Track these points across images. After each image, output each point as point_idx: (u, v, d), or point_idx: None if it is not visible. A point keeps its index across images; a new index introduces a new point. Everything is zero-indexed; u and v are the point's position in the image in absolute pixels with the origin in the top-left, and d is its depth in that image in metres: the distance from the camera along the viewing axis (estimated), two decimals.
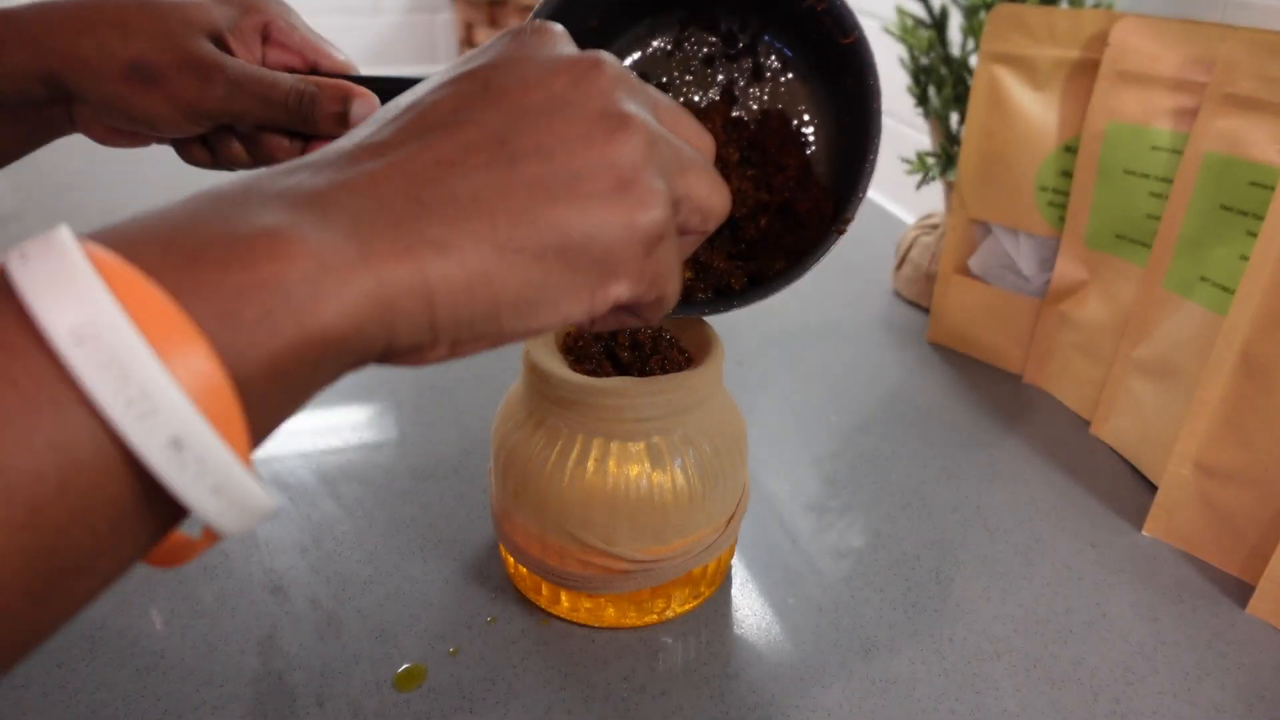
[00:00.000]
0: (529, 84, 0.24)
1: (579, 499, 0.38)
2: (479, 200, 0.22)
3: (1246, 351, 0.46)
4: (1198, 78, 0.50)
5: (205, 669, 0.40)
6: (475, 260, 0.21)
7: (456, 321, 0.22)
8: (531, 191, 0.22)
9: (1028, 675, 0.41)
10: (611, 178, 0.23)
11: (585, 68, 0.25)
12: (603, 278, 0.24)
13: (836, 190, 0.42)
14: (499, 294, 0.22)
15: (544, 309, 0.23)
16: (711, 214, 0.28)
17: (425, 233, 0.21)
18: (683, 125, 0.28)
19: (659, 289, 0.26)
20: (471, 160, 0.22)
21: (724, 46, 0.44)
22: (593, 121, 0.24)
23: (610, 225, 0.23)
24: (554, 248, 0.23)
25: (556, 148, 0.23)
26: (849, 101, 0.41)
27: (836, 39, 0.39)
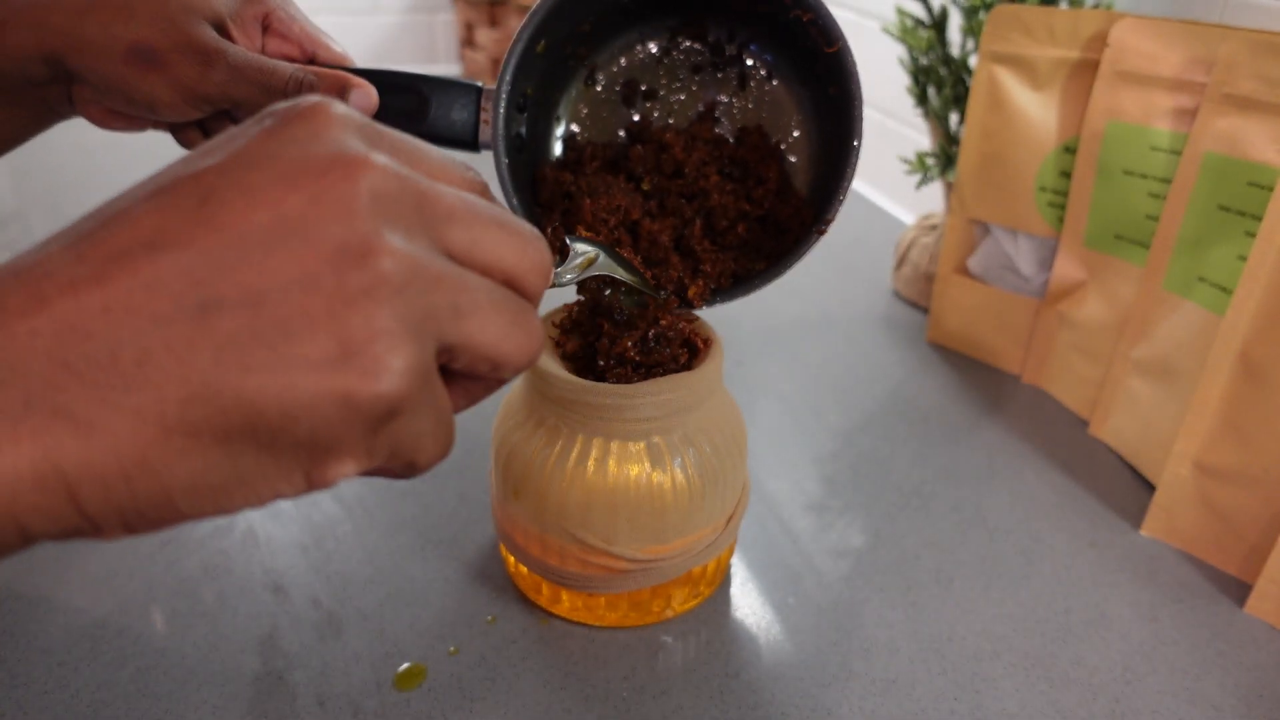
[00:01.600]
0: (256, 198, 0.19)
1: (579, 499, 0.38)
2: (147, 365, 0.18)
3: (1245, 351, 0.46)
4: (1197, 78, 0.50)
5: (206, 668, 0.40)
6: (131, 445, 0.17)
7: (117, 510, 0.18)
8: (219, 356, 0.18)
9: (1027, 675, 0.41)
10: (334, 338, 0.18)
11: (335, 178, 0.19)
12: (316, 459, 0.19)
13: (819, 192, 0.43)
14: (167, 482, 0.18)
15: (239, 492, 0.19)
16: (504, 364, 0.22)
17: (65, 408, 0.17)
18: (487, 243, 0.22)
19: (403, 459, 0.21)
20: (151, 307, 0.18)
21: (712, 55, 0.45)
22: (324, 258, 0.19)
23: (321, 402, 0.18)
24: (240, 428, 0.18)
25: (267, 294, 0.18)
26: (833, 109, 0.42)
27: (822, 48, 0.40)
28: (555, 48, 0.42)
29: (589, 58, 0.45)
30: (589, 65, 0.45)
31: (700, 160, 0.44)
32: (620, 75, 0.46)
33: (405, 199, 0.20)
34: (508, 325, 0.22)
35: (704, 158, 0.44)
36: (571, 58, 0.44)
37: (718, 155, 0.44)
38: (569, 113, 0.46)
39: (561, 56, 0.43)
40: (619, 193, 0.42)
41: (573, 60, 0.45)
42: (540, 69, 0.42)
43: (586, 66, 0.45)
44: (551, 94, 0.45)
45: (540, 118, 0.45)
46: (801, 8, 0.39)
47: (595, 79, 0.45)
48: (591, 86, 0.46)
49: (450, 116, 0.42)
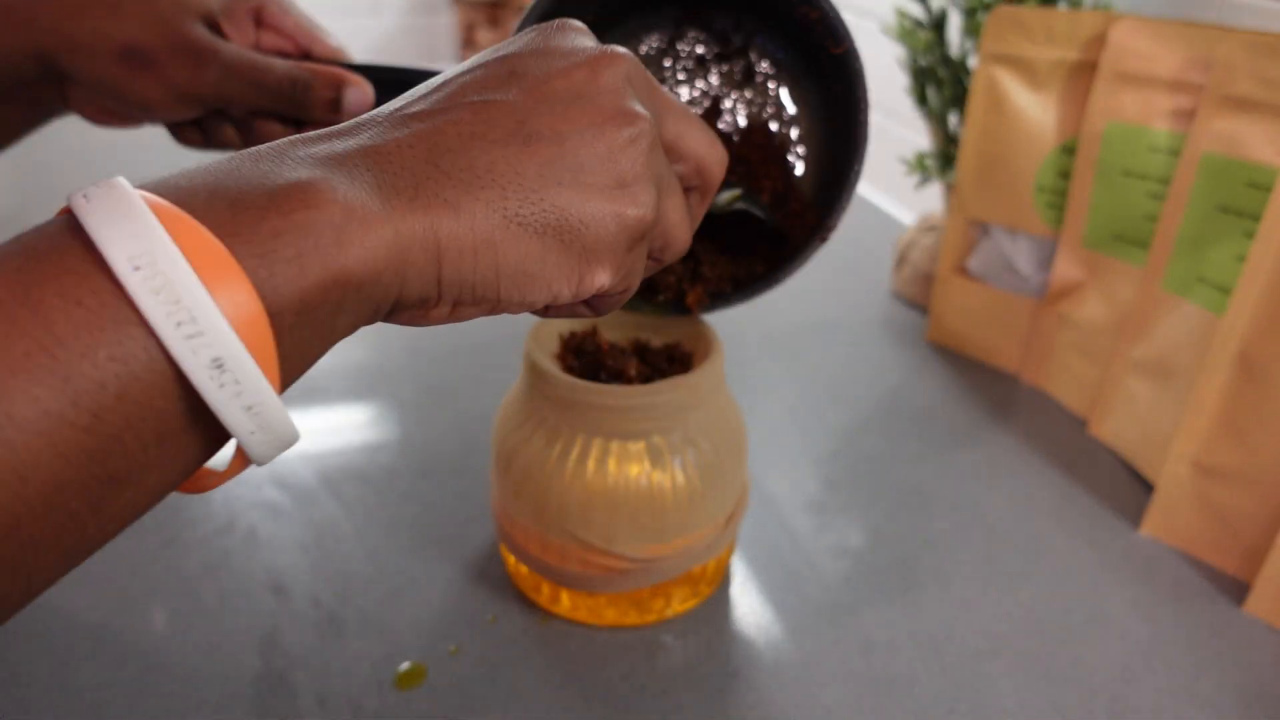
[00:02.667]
0: (551, 73, 0.25)
1: (579, 498, 0.39)
2: (493, 172, 0.24)
3: (1244, 352, 0.46)
4: (1196, 79, 0.50)
5: (207, 668, 0.40)
6: (484, 226, 0.23)
7: (460, 281, 0.24)
8: (541, 171, 0.24)
9: (1027, 674, 0.41)
10: (612, 173, 0.25)
11: (605, 63, 0.26)
12: (589, 263, 0.25)
13: (821, 196, 0.43)
14: (500, 261, 0.24)
15: (538, 283, 0.25)
16: (671, 245, 0.29)
17: (441, 194, 0.23)
18: (689, 135, 0.29)
19: (627, 283, 0.27)
20: (491, 135, 0.24)
21: (717, 47, 0.44)
22: (606, 117, 0.25)
23: (605, 216, 0.25)
24: (554, 227, 0.24)
25: (569, 135, 0.25)
26: (837, 108, 0.41)
27: (828, 48, 0.39)
28: None
29: None
30: None
31: None
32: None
33: (646, 88, 0.27)
34: (684, 213, 0.29)
35: None
36: None
37: None
38: None
39: None
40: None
41: None
42: None
43: None
44: None
45: None
46: (809, 5, 0.39)
47: None
48: None
49: None
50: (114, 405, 0.18)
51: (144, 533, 0.47)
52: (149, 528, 0.48)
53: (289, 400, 0.60)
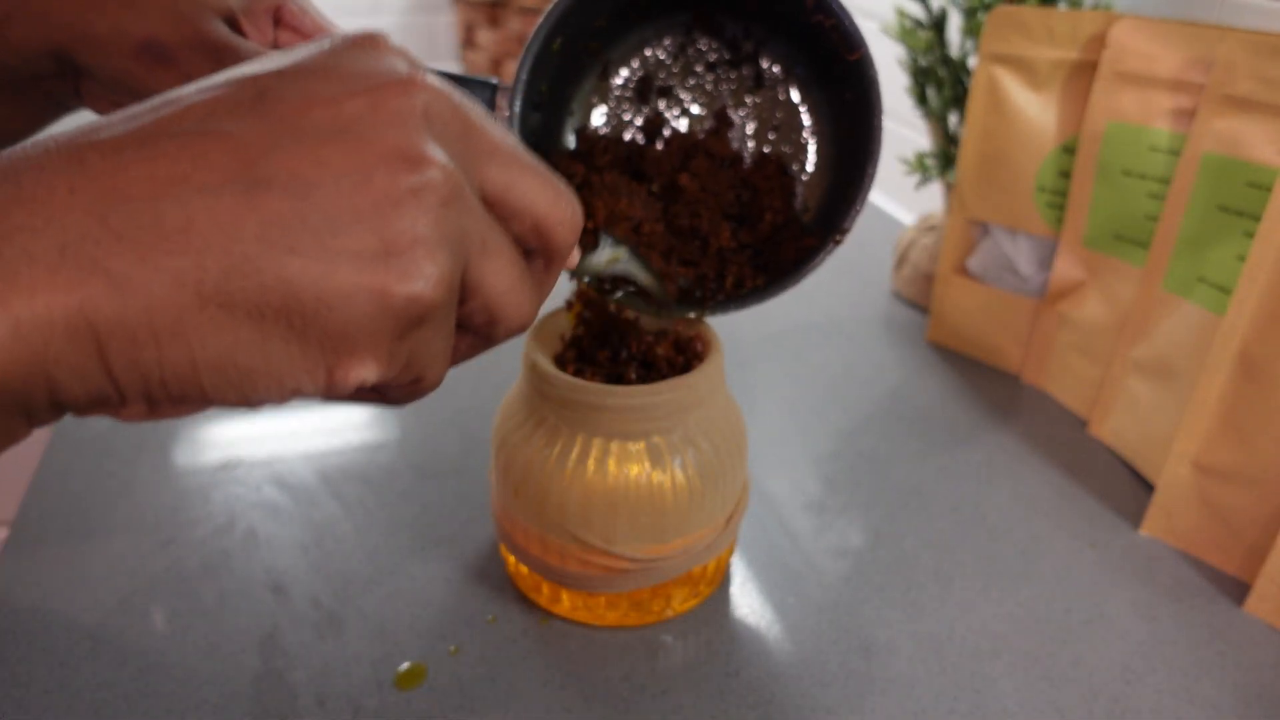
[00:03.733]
0: (313, 99, 0.19)
1: (579, 498, 0.39)
2: (190, 232, 0.17)
3: (1244, 351, 0.46)
4: (1196, 78, 0.50)
5: (206, 668, 0.40)
6: (165, 307, 0.17)
7: (143, 376, 0.18)
8: (264, 233, 0.18)
9: (1027, 674, 0.41)
10: (378, 234, 0.19)
11: (396, 91, 0.20)
12: (341, 355, 0.19)
13: (834, 200, 0.43)
14: (196, 353, 0.18)
15: (262, 379, 0.19)
16: (501, 321, 0.23)
17: (102, 263, 0.17)
18: (523, 187, 0.22)
19: (414, 373, 0.21)
20: (199, 178, 0.18)
21: (728, 52, 0.44)
22: (379, 158, 0.19)
23: (357, 295, 0.19)
24: (276, 309, 0.18)
25: (318, 183, 0.18)
26: (849, 113, 0.41)
27: (842, 54, 0.39)
28: (570, 44, 0.42)
29: (603, 53, 0.45)
30: (603, 60, 0.45)
31: (707, 197, 0.43)
32: (635, 71, 0.45)
33: (455, 124, 0.21)
34: (518, 280, 0.22)
35: (712, 189, 0.43)
36: (585, 53, 0.44)
37: (731, 176, 0.44)
38: (582, 107, 0.45)
39: (575, 52, 0.43)
40: (636, 202, 0.42)
41: (586, 55, 0.44)
42: (555, 66, 0.42)
43: (600, 62, 0.45)
44: (565, 89, 0.45)
45: (554, 113, 0.44)
46: (823, 12, 0.39)
47: (609, 75, 0.45)
48: (605, 82, 0.45)
49: None
50: None
51: (143, 533, 0.47)
52: (148, 528, 0.48)
53: None
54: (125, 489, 0.51)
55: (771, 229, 0.43)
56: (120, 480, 0.51)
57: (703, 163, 0.44)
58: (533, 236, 0.23)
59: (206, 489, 0.51)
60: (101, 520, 0.48)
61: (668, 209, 0.43)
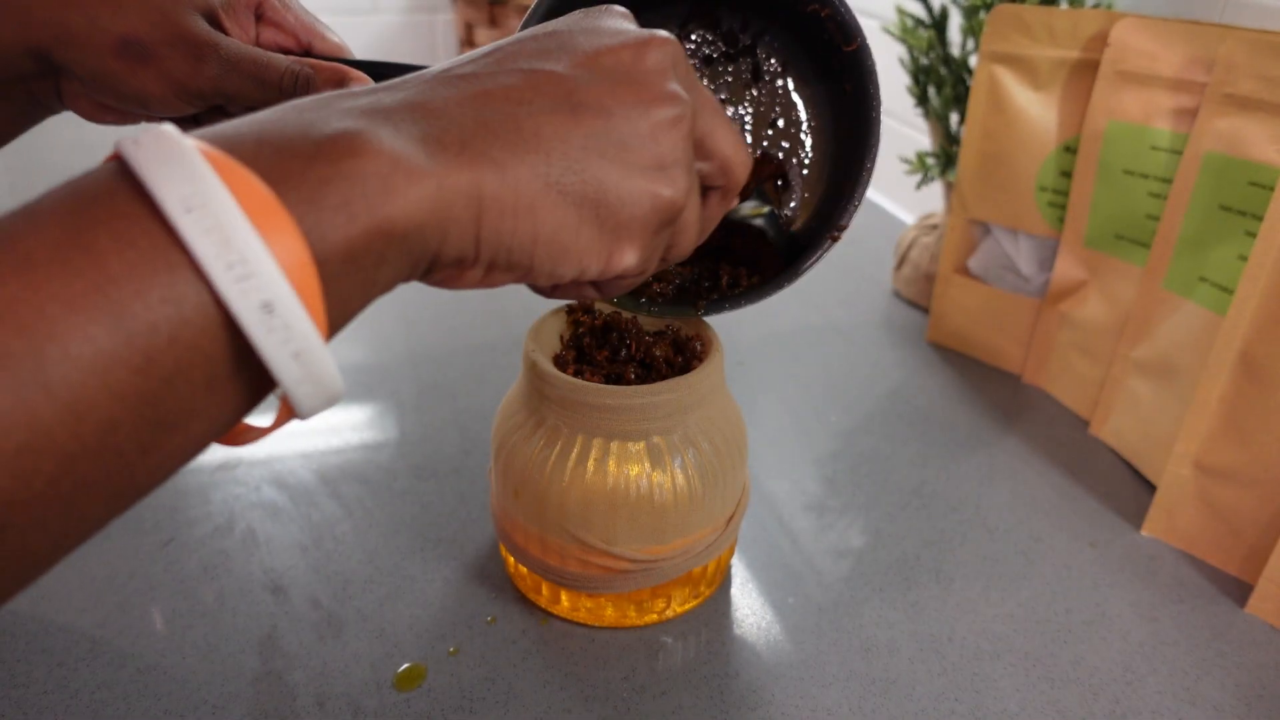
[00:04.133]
0: (600, 49, 0.26)
1: (579, 499, 0.38)
2: (540, 137, 0.24)
3: (1246, 351, 0.46)
4: (1197, 78, 0.50)
5: (206, 669, 0.40)
6: (527, 189, 0.24)
7: (498, 242, 0.24)
8: (586, 142, 0.25)
9: (1027, 675, 0.41)
10: (653, 154, 0.26)
11: (653, 45, 0.26)
12: (620, 241, 0.26)
13: (833, 195, 0.42)
14: (539, 227, 0.24)
15: (570, 255, 0.25)
16: (677, 245, 0.30)
17: (488, 152, 0.23)
18: (719, 134, 0.29)
19: (644, 266, 0.28)
20: (540, 100, 0.24)
21: (725, 45, 0.44)
22: (651, 97, 0.26)
23: (642, 195, 0.25)
24: (592, 200, 0.25)
25: (615, 110, 0.25)
26: (848, 106, 0.41)
27: (839, 45, 0.39)
28: None
29: None
30: None
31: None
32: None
33: (688, 77, 0.28)
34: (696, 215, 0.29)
35: None
36: None
37: None
38: None
39: None
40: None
41: None
42: None
43: None
44: None
45: None
46: (819, 2, 0.38)
47: None
48: None
49: None
50: (165, 347, 0.18)
51: (143, 533, 0.47)
52: (148, 528, 0.48)
53: None
54: None
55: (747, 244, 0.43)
56: None
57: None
58: (719, 175, 0.30)
59: (206, 489, 0.51)
60: None
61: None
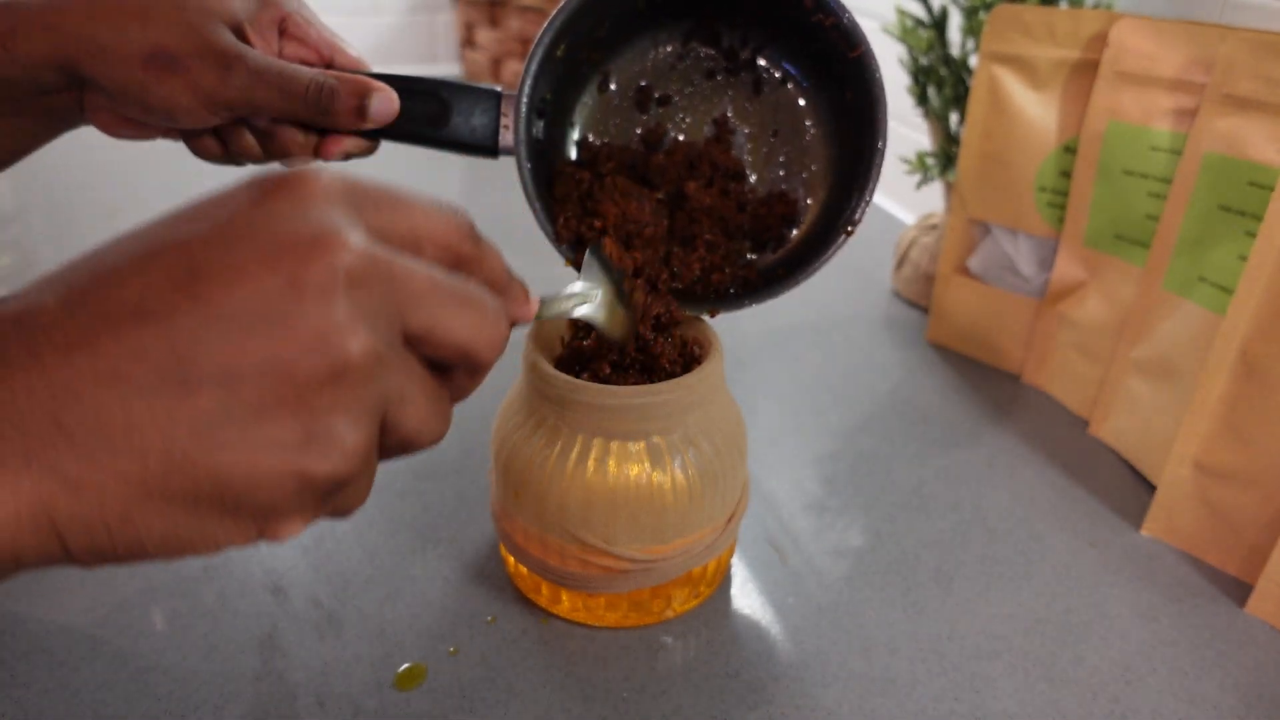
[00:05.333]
0: (239, 275, 0.20)
1: (579, 499, 0.38)
2: (132, 433, 0.19)
3: (1245, 351, 0.46)
4: (1197, 78, 0.50)
5: (206, 669, 0.40)
6: (115, 503, 0.19)
7: (95, 553, 0.20)
8: (196, 431, 0.19)
9: (1027, 675, 0.41)
10: (299, 426, 0.20)
11: (318, 256, 0.20)
12: (270, 520, 0.21)
13: (840, 195, 0.43)
14: (142, 534, 0.20)
15: (200, 543, 0.21)
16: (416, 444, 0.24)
17: (59, 467, 0.19)
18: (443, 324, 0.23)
19: (343, 510, 0.24)
20: (138, 377, 0.19)
21: (725, 60, 0.45)
22: (300, 345, 0.20)
23: (282, 479, 0.20)
24: (209, 497, 0.20)
25: (244, 377, 0.20)
26: (851, 111, 0.41)
27: (843, 52, 0.39)
28: (573, 51, 0.42)
29: (603, 63, 0.45)
30: (602, 70, 0.45)
31: (712, 210, 0.43)
32: (634, 80, 0.45)
33: (377, 283, 0.21)
34: (432, 413, 0.24)
35: (719, 208, 0.44)
36: (585, 63, 0.44)
37: (734, 203, 0.44)
38: (583, 118, 0.46)
39: (575, 61, 0.43)
40: (645, 206, 0.42)
41: (586, 65, 0.44)
42: (557, 74, 0.42)
43: (600, 72, 0.45)
44: (565, 99, 0.45)
45: (555, 124, 0.45)
46: (823, 12, 0.39)
47: (609, 84, 0.45)
48: (605, 92, 0.45)
49: (471, 122, 0.42)
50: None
51: None
52: None
53: None
54: None
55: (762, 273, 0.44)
56: None
57: (707, 171, 0.44)
58: (457, 359, 0.24)
59: None
60: None
61: (673, 214, 0.43)
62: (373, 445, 0.22)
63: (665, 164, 0.43)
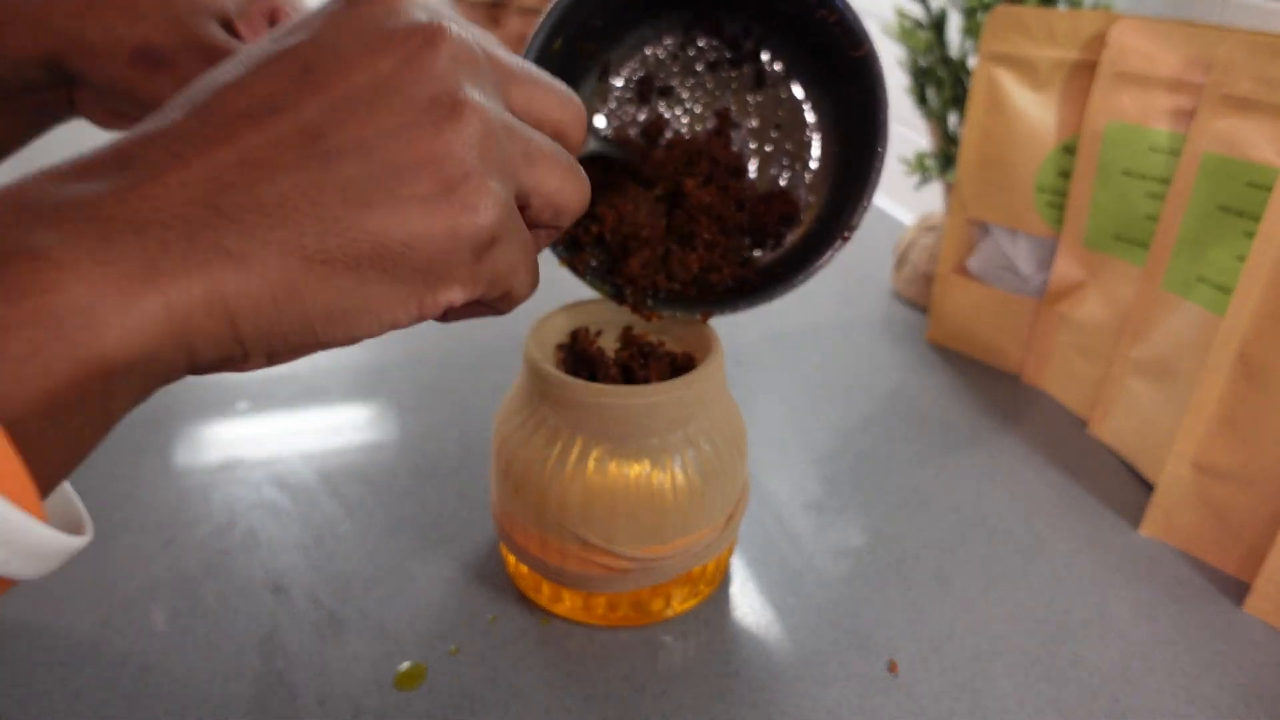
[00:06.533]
0: (352, 65, 0.21)
1: (579, 498, 0.39)
2: (285, 206, 0.20)
3: (1244, 351, 0.46)
4: (1196, 79, 0.50)
5: (206, 668, 0.40)
6: (279, 273, 0.20)
7: (266, 335, 0.20)
8: (345, 195, 0.20)
9: (1027, 675, 0.41)
10: (436, 178, 0.21)
11: (419, 43, 0.22)
12: (430, 284, 0.22)
13: (840, 196, 0.43)
14: (309, 307, 0.21)
15: (365, 317, 0.22)
16: (564, 209, 0.26)
17: (222, 244, 0.19)
18: (539, 100, 0.25)
19: (502, 287, 0.24)
20: (281, 159, 0.20)
21: (728, 50, 0.44)
22: (420, 111, 0.21)
23: (432, 232, 0.21)
24: (368, 257, 0.21)
25: (377, 143, 0.21)
26: (853, 109, 0.41)
27: (847, 51, 0.39)
28: (570, 44, 0.42)
29: (601, 54, 0.44)
30: (601, 62, 0.44)
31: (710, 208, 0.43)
32: (634, 72, 0.45)
33: (477, 60, 0.23)
34: (565, 173, 0.25)
35: (718, 207, 0.44)
36: (584, 54, 0.44)
37: (733, 200, 0.44)
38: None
39: (575, 52, 0.43)
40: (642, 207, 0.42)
41: (585, 57, 0.44)
42: (555, 67, 0.42)
43: (599, 63, 0.44)
44: None
45: None
46: (826, 8, 0.39)
47: (609, 76, 0.45)
48: (605, 84, 0.45)
49: None
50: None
51: (143, 533, 0.47)
52: (148, 528, 0.48)
53: (289, 397, 0.60)
54: (126, 489, 0.51)
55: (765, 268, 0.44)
56: (121, 481, 0.51)
57: (706, 167, 0.43)
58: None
59: (207, 489, 0.51)
60: (102, 520, 0.48)
61: (671, 213, 0.43)
62: (511, 204, 0.23)
63: (664, 160, 0.43)
